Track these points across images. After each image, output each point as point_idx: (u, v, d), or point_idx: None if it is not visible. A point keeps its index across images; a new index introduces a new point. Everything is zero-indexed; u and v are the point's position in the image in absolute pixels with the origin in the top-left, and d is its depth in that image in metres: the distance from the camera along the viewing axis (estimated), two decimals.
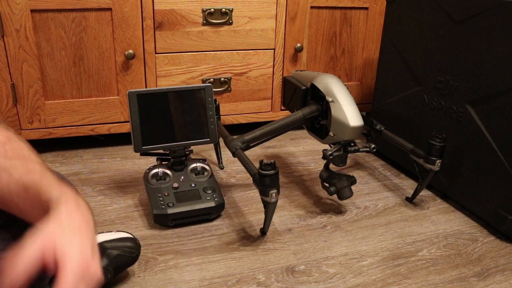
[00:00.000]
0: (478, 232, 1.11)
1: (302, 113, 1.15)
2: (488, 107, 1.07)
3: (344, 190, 1.12)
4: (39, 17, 1.24)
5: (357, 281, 0.92)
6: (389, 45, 1.39)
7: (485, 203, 1.11)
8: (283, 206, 1.18)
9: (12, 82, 1.27)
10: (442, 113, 1.21)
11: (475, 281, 0.93)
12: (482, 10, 1.06)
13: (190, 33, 1.40)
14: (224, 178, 1.31)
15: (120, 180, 1.27)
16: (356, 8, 1.58)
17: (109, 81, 1.37)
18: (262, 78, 1.55)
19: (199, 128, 1.12)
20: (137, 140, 1.06)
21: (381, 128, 1.24)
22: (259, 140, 1.13)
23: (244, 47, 1.49)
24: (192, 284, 0.88)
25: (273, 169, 0.92)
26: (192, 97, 1.10)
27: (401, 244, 1.04)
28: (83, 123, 1.39)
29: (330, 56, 1.62)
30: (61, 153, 1.43)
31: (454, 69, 1.15)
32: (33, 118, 1.33)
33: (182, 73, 1.45)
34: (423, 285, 0.91)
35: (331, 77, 1.12)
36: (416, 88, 1.29)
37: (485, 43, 1.06)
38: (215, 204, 1.07)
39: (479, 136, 1.10)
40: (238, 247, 1.00)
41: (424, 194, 1.27)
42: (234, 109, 1.56)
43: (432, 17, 1.21)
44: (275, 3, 1.46)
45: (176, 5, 1.36)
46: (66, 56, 1.31)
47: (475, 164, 1.12)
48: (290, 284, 0.90)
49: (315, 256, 0.99)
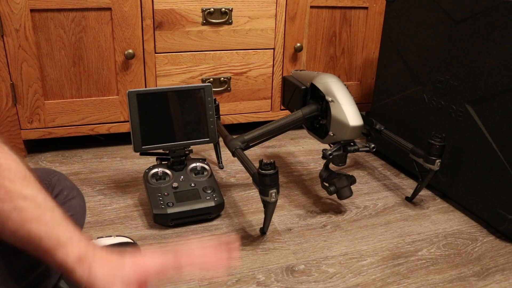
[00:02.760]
0: (477, 231, 1.11)
1: (302, 113, 1.15)
2: (488, 107, 1.07)
3: (343, 189, 1.12)
4: (38, 16, 1.24)
5: (356, 281, 0.92)
6: (389, 44, 1.39)
7: (485, 202, 1.11)
8: (282, 206, 1.18)
9: (11, 82, 1.27)
10: (441, 112, 1.21)
11: (474, 281, 0.93)
12: (482, 9, 1.06)
13: (190, 33, 1.40)
14: (224, 177, 1.31)
15: (119, 180, 1.27)
16: (355, 7, 1.58)
17: (109, 80, 1.37)
18: (261, 78, 1.55)
19: (199, 127, 1.12)
20: (136, 139, 1.06)
21: (380, 128, 1.24)
22: (258, 140, 1.13)
23: (244, 47, 1.48)
24: (192, 284, 0.88)
25: (272, 169, 0.92)
26: (191, 97, 1.10)
27: (401, 244, 1.04)
28: (82, 122, 1.39)
29: (329, 55, 1.62)
30: (61, 153, 1.43)
31: (454, 69, 1.15)
32: (32, 118, 1.33)
33: (182, 72, 1.45)
34: (422, 284, 0.91)
35: (330, 76, 1.12)
36: (416, 88, 1.29)
37: (485, 43, 1.06)
38: (214, 203, 1.07)
39: (479, 136, 1.10)
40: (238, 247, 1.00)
41: (424, 194, 1.27)
42: (234, 108, 1.56)
43: (432, 17, 1.21)
44: (274, 3, 1.46)
45: (176, 4, 1.35)
46: (66, 56, 1.30)
47: (474, 163, 1.12)
48: (290, 283, 0.90)
49: (314, 256, 0.99)
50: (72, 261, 0.51)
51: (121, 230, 1.04)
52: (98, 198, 1.17)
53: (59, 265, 0.51)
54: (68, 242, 0.51)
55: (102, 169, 1.34)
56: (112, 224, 1.06)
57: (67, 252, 0.51)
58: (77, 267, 0.51)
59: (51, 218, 0.52)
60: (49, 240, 0.51)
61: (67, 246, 0.51)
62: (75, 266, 0.51)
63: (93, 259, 0.52)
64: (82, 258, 0.51)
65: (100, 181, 1.26)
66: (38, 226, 0.50)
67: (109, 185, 1.24)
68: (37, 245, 0.51)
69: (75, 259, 0.51)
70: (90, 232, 1.02)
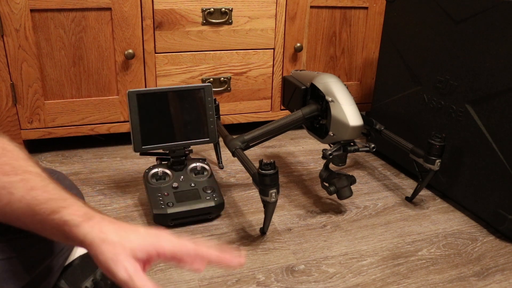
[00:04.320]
0: (477, 231, 1.11)
1: (302, 113, 1.15)
2: (488, 107, 1.07)
3: (343, 189, 1.12)
4: (38, 16, 1.24)
5: (356, 281, 0.92)
6: (389, 44, 1.39)
7: (485, 202, 1.11)
8: (282, 206, 1.18)
9: (11, 82, 1.27)
10: (441, 112, 1.21)
11: (474, 281, 0.93)
12: (482, 9, 1.06)
13: (190, 33, 1.40)
14: (224, 177, 1.31)
15: (119, 180, 1.27)
16: (355, 7, 1.58)
17: (109, 80, 1.37)
18: (261, 78, 1.55)
19: (199, 127, 1.12)
20: (136, 139, 1.06)
21: (380, 128, 1.24)
22: (258, 140, 1.13)
23: (244, 47, 1.48)
24: (192, 283, 0.88)
25: (272, 169, 0.92)
26: (191, 97, 1.10)
27: (401, 244, 1.04)
28: (82, 122, 1.39)
29: (329, 55, 1.62)
30: (61, 153, 1.43)
31: (454, 69, 1.15)
32: (32, 118, 1.33)
33: (182, 72, 1.45)
34: (422, 284, 0.91)
35: (330, 76, 1.12)
36: (415, 88, 1.29)
37: (485, 43, 1.06)
38: (214, 203, 1.07)
39: (479, 136, 1.10)
40: (238, 246, 1.00)
41: (424, 194, 1.27)
42: (234, 108, 1.56)
43: (431, 17, 1.21)
44: (274, 3, 1.46)
45: (176, 4, 1.35)
46: (66, 56, 1.31)
47: (475, 163, 1.12)
48: (290, 283, 0.90)
49: (314, 256, 0.99)
50: (79, 216, 0.49)
51: None
52: (98, 198, 1.17)
53: (64, 223, 0.49)
54: (74, 203, 0.51)
55: (102, 169, 1.34)
56: None
57: (73, 210, 0.50)
58: (84, 222, 0.49)
59: (54, 188, 0.53)
60: (55, 202, 0.50)
61: (73, 205, 0.50)
62: (82, 221, 0.49)
63: (102, 218, 0.50)
64: (89, 215, 0.50)
65: (100, 181, 1.26)
66: (43, 193, 0.51)
67: (109, 185, 1.24)
68: (41, 208, 0.50)
69: (82, 214, 0.49)
70: None
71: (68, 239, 0.50)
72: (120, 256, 0.47)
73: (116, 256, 0.47)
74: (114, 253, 0.47)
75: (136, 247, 0.49)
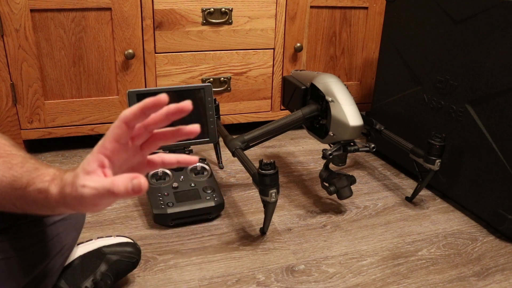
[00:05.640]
0: (477, 231, 1.11)
1: (302, 113, 1.15)
2: (488, 107, 1.07)
3: (343, 189, 1.12)
4: (38, 16, 1.24)
5: (356, 281, 0.92)
6: (389, 44, 1.39)
7: (485, 202, 1.11)
8: (282, 206, 1.18)
9: (11, 82, 1.27)
10: (441, 112, 1.21)
11: (474, 281, 0.93)
12: (482, 9, 1.06)
13: (190, 33, 1.40)
14: (224, 177, 1.31)
15: None
16: (355, 7, 1.58)
17: (109, 80, 1.37)
18: (261, 78, 1.55)
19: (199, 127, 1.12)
20: None
21: (380, 128, 1.24)
22: (258, 140, 1.13)
23: (244, 47, 1.48)
24: (192, 283, 0.88)
25: (272, 169, 0.92)
26: (191, 97, 1.10)
27: (401, 244, 1.04)
28: (82, 122, 1.39)
29: (329, 55, 1.62)
30: (61, 153, 1.43)
31: (454, 69, 1.15)
32: (32, 118, 1.33)
33: (182, 72, 1.45)
34: (422, 284, 0.91)
35: (330, 76, 1.12)
36: (415, 88, 1.29)
37: (485, 43, 1.06)
38: (214, 203, 1.07)
39: (479, 136, 1.10)
40: (238, 246, 1.00)
41: (424, 194, 1.27)
42: (234, 108, 1.56)
43: (431, 17, 1.21)
44: (274, 3, 1.46)
45: (176, 4, 1.35)
46: (66, 56, 1.31)
47: (475, 163, 1.12)
48: (290, 283, 0.90)
49: (314, 256, 0.99)
50: (47, 180, 0.50)
51: (121, 230, 1.04)
52: None
53: (38, 192, 0.50)
54: (44, 171, 0.52)
55: None
56: (112, 224, 1.06)
57: (42, 177, 0.50)
58: (51, 182, 0.50)
59: (33, 164, 0.53)
60: (29, 174, 0.51)
61: (43, 173, 0.51)
62: (49, 185, 0.49)
63: (64, 173, 0.51)
64: (55, 175, 0.51)
65: None
66: (20, 169, 0.52)
67: None
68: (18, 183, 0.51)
69: (49, 178, 0.50)
70: (90, 232, 1.02)
71: (50, 206, 0.50)
72: (89, 165, 0.47)
73: (84, 169, 0.47)
74: (81, 168, 0.47)
75: (99, 146, 0.50)
